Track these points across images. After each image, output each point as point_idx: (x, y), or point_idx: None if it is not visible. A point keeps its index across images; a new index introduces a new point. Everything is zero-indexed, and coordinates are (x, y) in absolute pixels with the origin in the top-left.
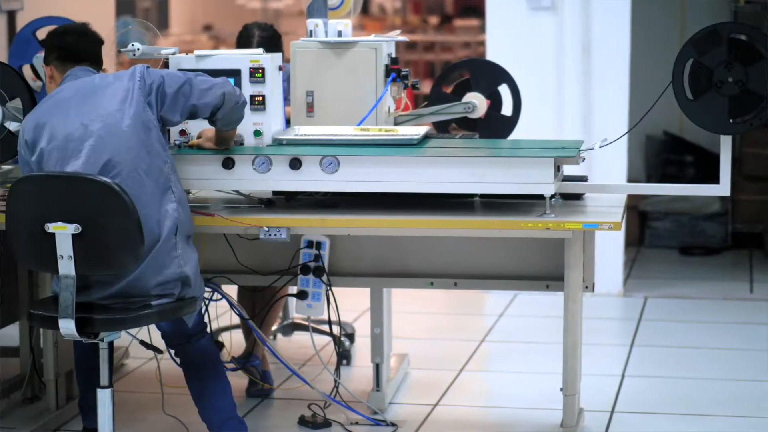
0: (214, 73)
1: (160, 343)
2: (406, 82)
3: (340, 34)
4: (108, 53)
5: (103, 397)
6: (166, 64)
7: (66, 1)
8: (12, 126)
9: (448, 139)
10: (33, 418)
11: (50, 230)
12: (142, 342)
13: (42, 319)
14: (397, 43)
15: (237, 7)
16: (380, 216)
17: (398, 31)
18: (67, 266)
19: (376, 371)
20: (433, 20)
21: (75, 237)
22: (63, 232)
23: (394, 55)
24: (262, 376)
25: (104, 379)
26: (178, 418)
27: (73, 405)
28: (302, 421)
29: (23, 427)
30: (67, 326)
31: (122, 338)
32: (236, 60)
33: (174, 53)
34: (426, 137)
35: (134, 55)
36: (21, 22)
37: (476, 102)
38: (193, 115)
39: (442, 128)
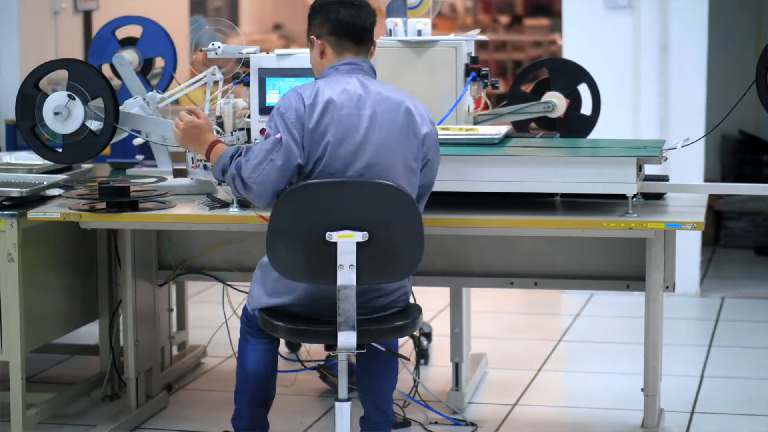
0: (293, 71)
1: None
2: (485, 81)
3: (419, 33)
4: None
5: (342, 411)
6: (246, 63)
7: (140, 1)
8: (93, 125)
9: (528, 138)
10: (113, 417)
11: (333, 239)
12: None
13: (295, 333)
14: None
15: (308, 7)
16: (461, 215)
17: (477, 30)
18: (347, 276)
19: (455, 371)
20: (504, 20)
21: (360, 245)
22: (348, 241)
23: (473, 55)
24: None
25: (343, 392)
26: None
27: (151, 403)
28: None
29: (103, 426)
30: (348, 339)
31: (202, 337)
32: None
33: (255, 53)
34: (507, 136)
35: (216, 54)
36: (96, 21)
37: (556, 101)
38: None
39: (521, 128)
